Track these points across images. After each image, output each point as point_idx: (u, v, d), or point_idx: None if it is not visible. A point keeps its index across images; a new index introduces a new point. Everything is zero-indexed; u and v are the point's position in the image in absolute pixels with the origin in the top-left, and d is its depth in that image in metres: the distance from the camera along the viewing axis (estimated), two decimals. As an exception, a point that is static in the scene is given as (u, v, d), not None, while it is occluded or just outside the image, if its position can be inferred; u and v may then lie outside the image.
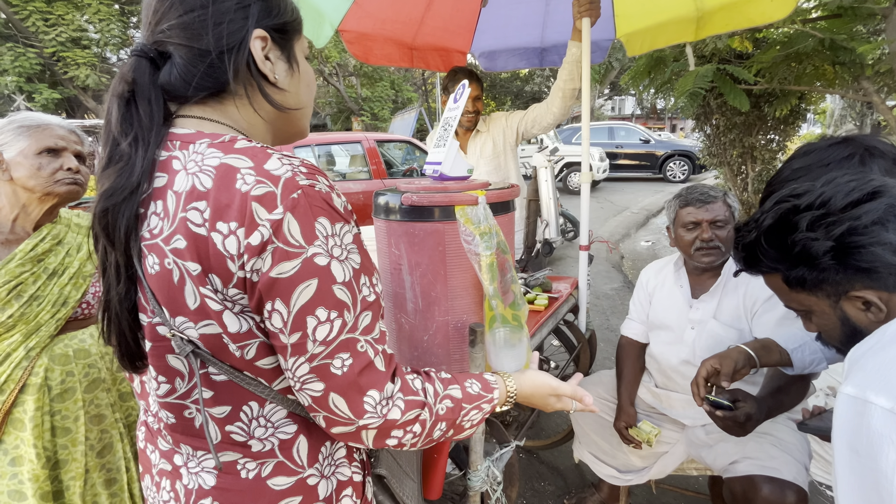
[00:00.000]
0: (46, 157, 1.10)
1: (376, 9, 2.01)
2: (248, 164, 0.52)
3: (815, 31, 3.47)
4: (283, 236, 0.50)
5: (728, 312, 1.38)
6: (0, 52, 9.75)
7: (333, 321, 0.52)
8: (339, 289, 0.52)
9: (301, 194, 0.50)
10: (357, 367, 0.54)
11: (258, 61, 0.58)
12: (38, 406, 1.09)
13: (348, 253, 0.54)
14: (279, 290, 0.50)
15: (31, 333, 1.09)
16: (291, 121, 0.66)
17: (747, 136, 4.90)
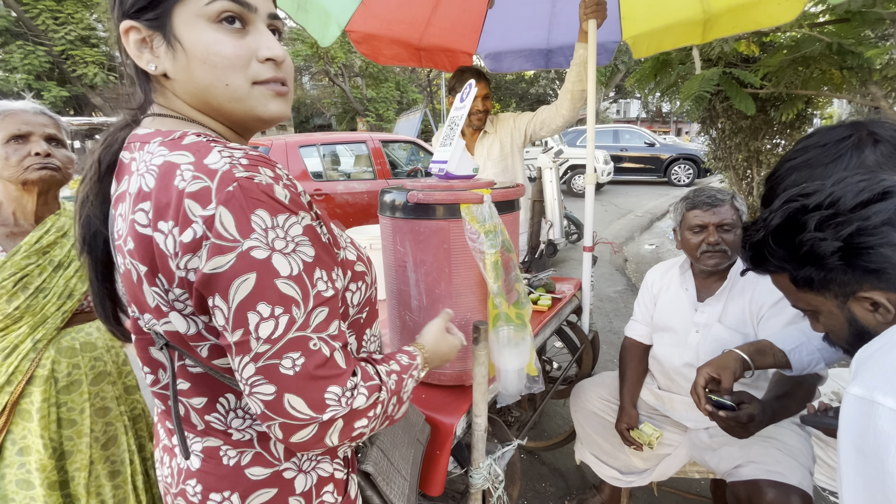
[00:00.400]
0: (13, 145, 1.06)
1: (383, 10, 2.02)
2: (189, 159, 0.51)
3: (823, 36, 3.45)
4: (217, 231, 0.48)
5: (733, 316, 1.38)
6: (10, 50, 9.85)
7: (279, 317, 0.49)
8: (283, 283, 0.49)
9: (236, 187, 0.48)
10: (312, 365, 0.50)
11: (132, 57, 0.55)
12: (45, 397, 1.10)
13: (296, 245, 0.51)
14: (216, 285, 0.48)
15: (38, 325, 1.10)
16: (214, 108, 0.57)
17: (753, 141, 4.88)
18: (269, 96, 0.57)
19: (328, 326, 0.53)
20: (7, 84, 9.95)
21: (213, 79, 0.54)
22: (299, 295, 0.50)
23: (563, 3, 2.28)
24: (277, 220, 0.50)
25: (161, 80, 0.56)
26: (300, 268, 0.50)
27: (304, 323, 0.50)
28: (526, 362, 1.00)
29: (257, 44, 0.55)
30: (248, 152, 0.52)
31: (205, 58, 0.53)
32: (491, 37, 2.43)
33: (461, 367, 1.07)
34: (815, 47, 3.40)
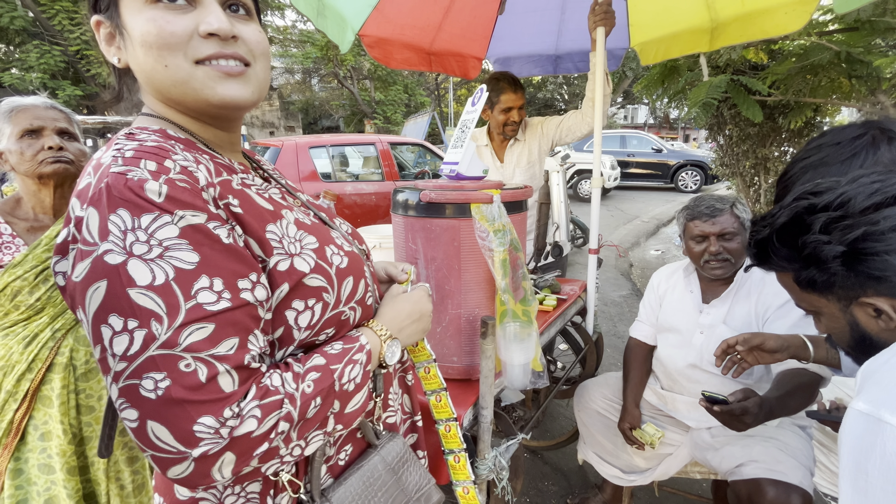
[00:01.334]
0: (27, 140, 1.09)
1: (396, 14, 2.07)
2: (101, 153, 0.49)
3: (832, 44, 3.46)
4: (83, 234, 0.44)
5: (739, 318, 1.40)
6: (27, 50, 10.04)
7: (133, 332, 0.43)
8: (139, 293, 0.43)
9: (105, 184, 0.44)
10: (179, 389, 0.43)
11: (102, 51, 0.54)
12: (64, 384, 1.14)
13: (164, 250, 0.44)
14: (77, 294, 0.45)
15: (58, 316, 1.14)
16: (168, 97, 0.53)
17: (761, 148, 4.88)
18: (216, 77, 0.51)
19: (214, 345, 0.45)
20: (23, 83, 10.13)
21: (153, 61, 0.50)
22: (162, 308, 0.43)
23: (572, 11, 2.31)
24: (140, 222, 0.44)
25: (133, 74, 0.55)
26: (168, 276, 0.44)
27: (169, 340, 0.43)
28: (531, 357, 1.03)
29: (199, 19, 0.50)
30: (145, 143, 0.49)
31: (141, 41, 0.49)
32: (501, 42, 2.47)
33: (468, 362, 1.11)
34: (824, 56, 3.41)
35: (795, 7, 1.82)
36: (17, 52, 10.24)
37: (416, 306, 0.71)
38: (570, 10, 2.32)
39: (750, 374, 1.39)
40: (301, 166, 4.35)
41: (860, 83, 3.70)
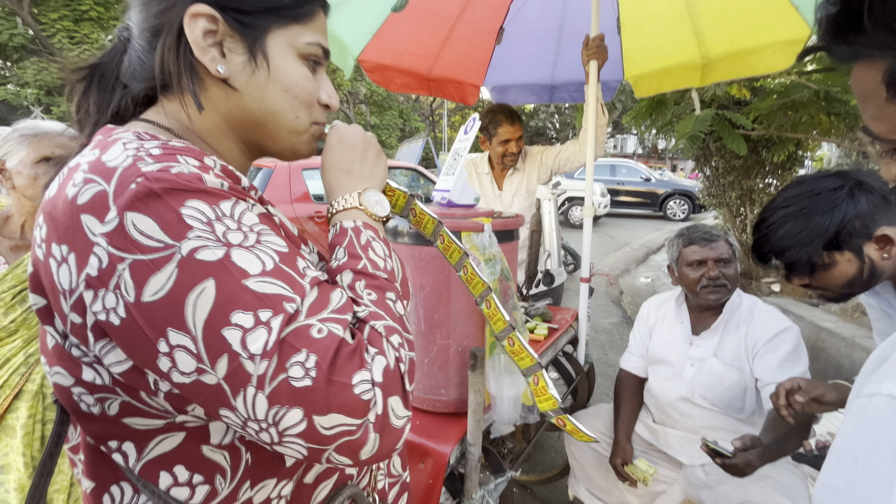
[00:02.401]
0: (44, 167, 1.09)
1: (395, 41, 2.10)
2: (90, 157, 0.41)
3: (811, 83, 3.61)
4: (135, 242, 0.36)
5: (729, 351, 1.39)
6: (24, 66, 10.09)
7: (270, 322, 0.38)
8: (259, 282, 0.39)
9: (143, 182, 0.37)
10: (327, 360, 0.39)
11: (193, 46, 0.46)
12: (31, 414, 1.08)
13: (259, 235, 0.41)
14: (165, 316, 0.36)
15: (32, 339, 1.09)
16: (263, 132, 0.52)
17: (746, 180, 5.00)
18: (315, 138, 0.56)
19: (327, 301, 0.43)
20: (17, 98, 10.13)
21: (287, 108, 0.51)
22: (287, 289, 0.40)
23: (568, 43, 2.38)
24: (222, 209, 0.39)
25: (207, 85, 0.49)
26: (275, 260, 0.41)
27: (297, 312, 0.40)
28: (521, 391, 1.00)
29: (322, 88, 0.55)
30: (166, 142, 0.43)
31: (290, 87, 0.51)
32: (498, 71, 2.53)
33: (457, 395, 1.07)
34: (804, 94, 3.54)
35: (783, 47, 1.89)
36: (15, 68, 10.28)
37: (345, 146, 0.59)
38: (565, 42, 2.39)
39: (741, 410, 1.37)
40: (294, 188, 4.34)
41: (839, 120, 3.84)
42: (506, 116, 2.04)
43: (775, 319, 1.35)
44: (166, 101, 0.49)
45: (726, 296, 1.40)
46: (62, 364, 0.43)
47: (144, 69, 0.48)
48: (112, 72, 0.50)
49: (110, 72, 0.50)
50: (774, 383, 1.25)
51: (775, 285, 5.02)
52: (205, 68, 0.47)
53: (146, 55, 0.48)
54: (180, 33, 0.46)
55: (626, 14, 2.18)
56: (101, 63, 0.50)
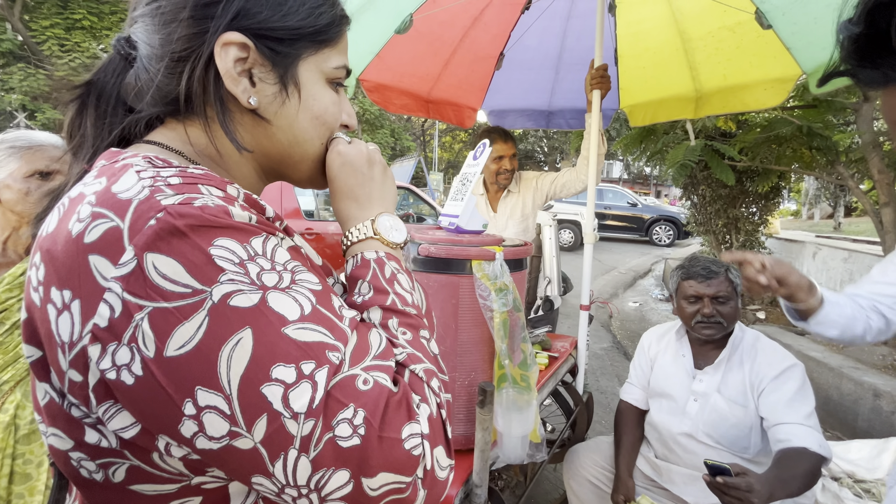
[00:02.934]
0: (36, 181, 1.03)
1: (396, 63, 2.11)
2: (98, 187, 0.36)
3: (794, 118, 3.75)
4: (156, 287, 0.31)
5: (733, 388, 1.36)
6: (10, 72, 9.92)
7: (314, 375, 0.34)
8: (299, 329, 0.35)
9: (165, 217, 0.33)
10: (377, 415, 0.35)
11: (224, 76, 0.42)
12: (2, 447, 0.99)
13: (293, 275, 0.37)
14: (193, 373, 0.32)
15: (8, 365, 1.01)
16: (287, 162, 0.49)
17: (731, 208, 5.13)
18: None
19: (368, 344, 0.39)
20: (1, 103, 9.92)
21: (316, 136, 0.49)
22: (329, 335, 0.36)
23: (566, 71, 2.43)
24: (253, 247, 0.35)
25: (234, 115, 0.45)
26: (312, 301, 0.37)
27: (342, 361, 0.36)
28: (530, 429, 0.95)
29: (343, 109, 0.52)
30: (186, 170, 0.38)
31: (320, 114, 0.48)
32: (496, 95, 2.55)
33: (462, 431, 1.01)
34: (787, 128, 3.68)
35: (775, 84, 1.95)
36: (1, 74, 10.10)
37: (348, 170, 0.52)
38: (563, 70, 2.43)
39: (746, 450, 1.34)
40: (285, 203, 4.28)
41: (820, 154, 3.98)
42: (499, 135, 2.07)
43: (780, 356, 1.34)
44: (177, 124, 0.45)
45: (721, 332, 1.38)
46: (59, 426, 0.37)
47: (160, 94, 0.43)
48: (111, 90, 0.45)
49: (110, 89, 0.45)
50: (783, 423, 1.22)
51: (761, 313, 5.09)
52: (231, 98, 0.44)
53: (163, 79, 0.43)
54: (209, 62, 0.42)
55: (623, 46, 2.24)
56: (97, 80, 0.45)
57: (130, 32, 0.45)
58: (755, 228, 5.19)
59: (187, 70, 0.42)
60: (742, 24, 1.93)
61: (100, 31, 10.65)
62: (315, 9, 0.46)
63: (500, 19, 2.20)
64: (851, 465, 1.84)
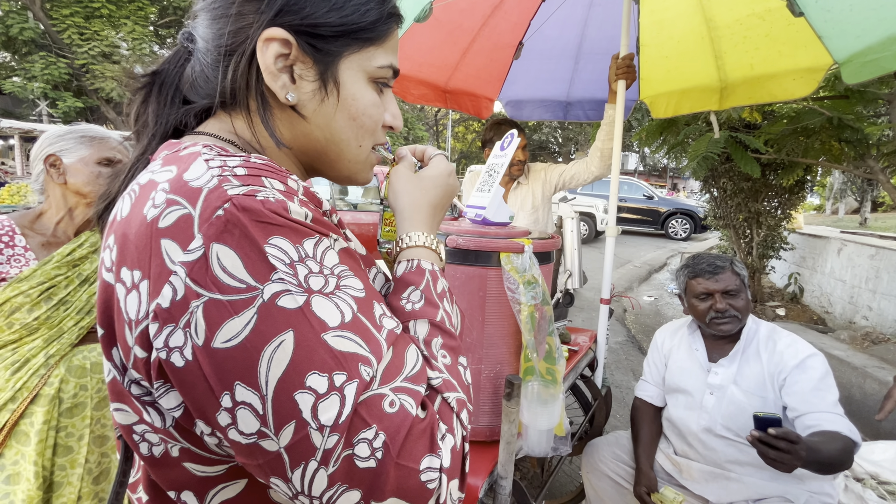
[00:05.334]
0: (104, 167, 1.15)
1: (415, 53, 2.09)
2: (169, 175, 0.37)
3: (823, 109, 3.62)
4: (215, 279, 0.33)
5: (750, 379, 1.35)
6: (32, 60, 10.10)
7: (344, 388, 0.34)
8: (338, 337, 0.35)
9: (231, 209, 0.34)
10: (397, 442, 0.35)
11: (264, 72, 0.42)
12: (47, 420, 1.04)
13: (339, 280, 0.37)
14: (236, 368, 0.32)
15: (53, 340, 1.07)
16: (324, 159, 0.49)
17: (753, 202, 5.01)
18: (374, 164, 0.52)
19: (402, 364, 0.38)
20: (24, 91, 10.13)
21: (352, 137, 0.48)
22: (365, 347, 0.36)
23: (586, 61, 2.38)
24: (305, 249, 0.36)
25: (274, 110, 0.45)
26: (353, 309, 0.37)
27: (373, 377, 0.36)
28: (556, 422, 0.95)
29: (387, 110, 0.51)
30: (249, 159, 0.39)
31: (357, 115, 0.47)
32: (514, 85, 2.52)
33: (487, 423, 1.02)
34: (817, 120, 3.56)
35: (804, 74, 1.89)
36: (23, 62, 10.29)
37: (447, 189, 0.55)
38: (584, 59, 2.38)
39: None
40: (301, 192, 4.32)
41: (850, 147, 3.85)
42: (510, 127, 2.06)
43: (802, 345, 1.32)
44: (226, 116, 0.46)
45: (738, 325, 1.38)
46: (123, 401, 0.40)
47: (209, 86, 0.45)
48: (172, 81, 0.47)
49: (171, 80, 0.47)
50: (811, 412, 1.20)
51: (780, 310, 5.00)
52: (272, 93, 0.44)
53: (212, 72, 0.44)
54: (252, 56, 0.42)
55: (645, 35, 2.18)
56: (162, 70, 0.47)
57: (191, 27, 0.47)
58: (777, 223, 5.07)
59: (233, 64, 0.42)
60: (772, 12, 1.87)
61: (118, 19, 10.77)
62: (362, 5, 0.45)
63: (521, 7, 2.16)
64: (875, 467, 1.80)
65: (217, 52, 0.43)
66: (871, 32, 1.56)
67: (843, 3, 1.62)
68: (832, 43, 1.77)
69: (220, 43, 0.43)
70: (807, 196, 5.50)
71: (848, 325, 4.14)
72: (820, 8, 1.69)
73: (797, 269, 5.58)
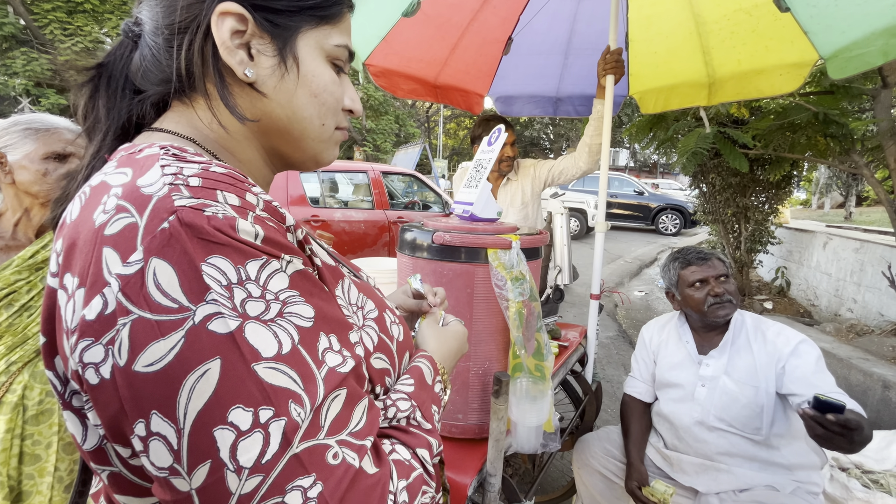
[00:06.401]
0: (53, 163, 1.05)
1: (403, 48, 2.07)
2: (123, 179, 0.36)
3: (809, 105, 3.66)
4: (148, 295, 0.31)
5: (741, 370, 1.36)
6: (13, 56, 9.86)
7: (269, 426, 0.31)
8: (269, 369, 0.32)
9: (175, 222, 0.32)
10: (335, 495, 0.32)
11: (220, 47, 0.41)
12: (10, 428, 1.00)
13: (283, 306, 0.34)
14: (154, 395, 0.30)
15: (16, 346, 1.02)
16: (287, 139, 0.48)
17: (741, 197, 5.06)
18: (336, 144, 0.53)
19: (349, 417, 0.36)
20: (5, 88, 9.89)
21: (314, 114, 0.47)
22: (299, 383, 0.33)
23: (575, 56, 2.37)
24: (247, 271, 0.33)
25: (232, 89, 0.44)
26: (294, 339, 0.34)
27: (312, 426, 0.33)
28: (545, 419, 0.95)
29: (346, 93, 0.51)
30: (208, 168, 0.37)
31: (319, 92, 0.47)
32: (504, 81, 2.51)
33: (476, 420, 1.01)
34: (803, 115, 3.60)
35: (790, 70, 1.90)
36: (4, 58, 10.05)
37: (460, 344, 0.63)
38: (573, 55, 2.37)
39: (759, 430, 1.32)
40: (290, 190, 4.27)
41: (835, 142, 3.91)
42: (500, 122, 2.06)
43: (790, 332, 1.36)
44: (183, 107, 0.44)
45: (733, 310, 1.40)
46: (67, 409, 0.39)
47: (160, 70, 0.43)
48: (120, 72, 0.45)
49: (118, 72, 0.45)
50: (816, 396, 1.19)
51: (768, 303, 5.06)
52: (230, 71, 0.43)
53: (163, 55, 0.42)
54: (207, 32, 0.41)
55: (634, 30, 2.18)
56: (107, 62, 0.45)
57: (137, 13, 0.45)
58: (765, 218, 5.13)
59: (186, 41, 0.41)
60: (759, 7, 1.88)
61: (101, 14, 10.54)
62: None
63: (510, 2, 2.15)
64: (860, 456, 1.84)
65: (169, 31, 0.42)
66: (855, 28, 1.57)
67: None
68: (818, 38, 1.78)
69: (172, 21, 0.41)
70: (793, 191, 5.57)
71: (833, 317, 4.21)
72: (806, 3, 1.70)
73: (784, 262, 5.66)
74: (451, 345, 0.61)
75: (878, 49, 1.47)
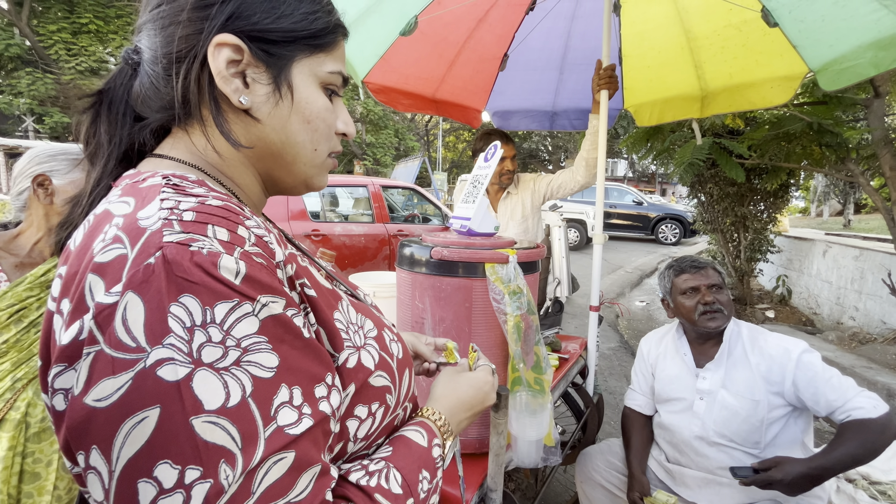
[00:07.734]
0: None
1: (401, 65, 2.11)
2: (126, 209, 0.37)
3: (803, 115, 3.71)
4: (112, 331, 0.31)
5: (739, 383, 1.35)
6: (18, 76, 10.03)
7: (192, 488, 0.30)
8: (207, 423, 0.31)
9: (160, 259, 0.32)
10: None
11: (216, 76, 0.42)
12: (12, 445, 1.00)
13: (242, 353, 0.33)
14: (96, 431, 0.30)
15: (22, 363, 1.03)
16: (280, 164, 0.49)
17: (739, 206, 5.09)
18: (328, 169, 0.53)
19: (293, 483, 0.34)
20: (9, 108, 10.04)
21: (308, 140, 0.48)
22: (237, 441, 0.31)
23: (570, 71, 2.42)
24: (213, 314, 0.33)
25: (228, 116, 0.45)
26: (245, 391, 0.33)
27: (240, 492, 0.31)
28: (545, 433, 0.95)
29: (339, 117, 0.52)
30: (205, 201, 0.38)
31: (311, 118, 0.48)
32: (500, 96, 2.55)
33: (475, 434, 1.01)
34: (797, 125, 3.64)
35: (781, 82, 1.94)
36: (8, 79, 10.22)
37: (476, 393, 0.60)
38: (567, 70, 2.42)
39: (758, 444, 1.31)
40: (291, 204, 4.30)
41: (830, 152, 3.94)
42: (499, 137, 2.11)
43: (788, 343, 1.34)
44: (183, 133, 0.46)
45: (725, 321, 1.40)
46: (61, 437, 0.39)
47: (159, 97, 0.44)
48: (121, 98, 0.46)
49: (119, 98, 0.46)
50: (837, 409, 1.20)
51: (770, 312, 5.05)
52: (225, 98, 0.44)
53: (162, 82, 0.44)
54: (204, 62, 0.43)
55: (627, 46, 2.23)
56: (108, 89, 0.46)
57: (136, 42, 0.46)
58: (763, 226, 5.15)
59: (184, 69, 0.42)
60: (748, 23, 1.92)
61: (106, 34, 10.75)
62: (310, 14, 0.46)
63: (505, 20, 2.20)
64: (866, 467, 1.82)
65: (167, 60, 0.43)
66: (843, 41, 1.61)
67: (815, 14, 1.68)
68: (806, 52, 1.82)
69: (170, 50, 0.43)
70: (791, 199, 5.60)
71: (836, 325, 4.19)
72: (793, 19, 1.74)
73: (784, 271, 5.66)
74: (463, 395, 0.59)
75: (869, 61, 1.51)
